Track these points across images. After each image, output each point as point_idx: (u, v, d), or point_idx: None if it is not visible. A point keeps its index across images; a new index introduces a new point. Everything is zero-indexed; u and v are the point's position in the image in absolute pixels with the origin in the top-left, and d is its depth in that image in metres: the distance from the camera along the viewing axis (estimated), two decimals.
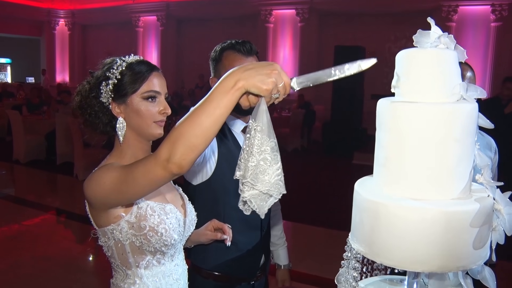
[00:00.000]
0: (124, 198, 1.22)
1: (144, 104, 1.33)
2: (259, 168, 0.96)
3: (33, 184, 7.85)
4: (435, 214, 0.90)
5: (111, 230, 1.33)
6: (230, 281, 1.86)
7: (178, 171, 1.01)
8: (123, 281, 1.40)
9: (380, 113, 1.01)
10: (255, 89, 0.94)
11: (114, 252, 1.38)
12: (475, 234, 0.91)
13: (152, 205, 1.36)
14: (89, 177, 1.29)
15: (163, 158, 1.00)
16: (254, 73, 0.94)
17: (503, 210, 0.98)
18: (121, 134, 1.35)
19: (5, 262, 4.40)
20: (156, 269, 1.41)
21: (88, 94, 1.37)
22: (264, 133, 0.96)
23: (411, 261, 0.93)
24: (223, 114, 0.96)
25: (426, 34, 0.97)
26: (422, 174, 0.94)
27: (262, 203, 1.01)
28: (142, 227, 1.33)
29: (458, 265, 0.93)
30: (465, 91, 0.96)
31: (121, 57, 1.38)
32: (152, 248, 1.36)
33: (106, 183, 1.21)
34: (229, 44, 1.82)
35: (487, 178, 1.00)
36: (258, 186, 0.97)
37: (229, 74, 0.96)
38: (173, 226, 1.39)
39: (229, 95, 0.94)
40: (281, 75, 0.95)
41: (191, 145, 0.97)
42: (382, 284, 1.25)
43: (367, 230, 0.98)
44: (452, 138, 0.93)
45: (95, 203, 1.29)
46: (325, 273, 3.95)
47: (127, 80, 1.33)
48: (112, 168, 1.23)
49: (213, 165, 1.74)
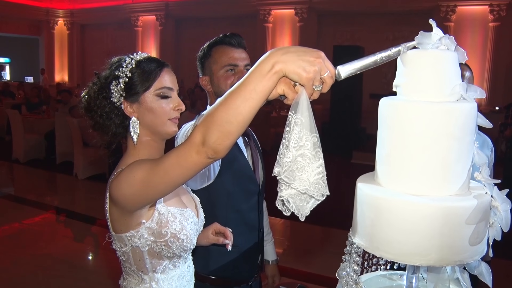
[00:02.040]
0: (155, 192, 1.14)
1: (158, 101, 1.29)
2: (297, 165, 0.88)
3: (33, 183, 7.86)
4: (434, 209, 0.93)
5: (129, 236, 1.30)
6: (230, 284, 1.86)
7: (213, 156, 0.95)
8: (138, 285, 1.38)
9: (382, 111, 1.04)
10: (295, 76, 0.86)
11: (130, 258, 1.34)
12: (472, 229, 0.94)
13: (173, 211, 1.34)
14: (115, 178, 1.23)
15: (197, 142, 0.94)
16: (295, 57, 0.86)
17: (500, 207, 1.00)
18: (135, 135, 1.30)
19: (8, 260, 4.43)
20: (172, 272, 1.40)
21: (97, 95, 1.31)
22: (304, 127, 0.87)
23: (410, 254, 0.96)
24: (259, 99, 0.88)
25: (428, 36, 0.99)
26: (422, 171, 0.97)
27: (302, 203, 0.93)
28: (164, 234, 1.30)
29: (455, 259, 0.96)
30: (465, 91, 0.99)
31: (128, 55, 1.33)
32: (171, 254, 1.34)
33: (136, 178, 1.14)
34: (217, 38, 1.83)
35: (485, 176, 1.03)
36: (295, 184, 0.88)
37: (266, 56, 0.88)
38: (192, 231, 1.38)
39: (265, 79, 0.86)
40: (325, 63, 0.87)
41: (225, 131, 0.91)
42: (382, 279, 1.28)
43: (368, 225, 1.01)
44: (451, 136, 0.96)
45: (124, 202, 1.22)
46: (324, 271, 3.98)
47: (138, 78, 1.28)
48: (141, 163, 1.17)
49: (216, 169, 1.73)
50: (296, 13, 13.50)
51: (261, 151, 1.97)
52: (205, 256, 1.76)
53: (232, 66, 1.77)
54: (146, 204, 1.23)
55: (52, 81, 18.11)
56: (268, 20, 13.88)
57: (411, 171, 0.98)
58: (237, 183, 1.79)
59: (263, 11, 13.87)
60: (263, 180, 1.93)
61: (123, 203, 1.22)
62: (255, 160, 1.88)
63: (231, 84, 1.74)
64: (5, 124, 10.82)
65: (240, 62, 1.78)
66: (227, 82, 1.76)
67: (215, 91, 1.80)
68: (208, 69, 1.82)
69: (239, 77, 1.73)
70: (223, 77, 1.77)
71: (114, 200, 1.24)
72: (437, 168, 0.96)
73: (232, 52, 1.77)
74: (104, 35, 18.32)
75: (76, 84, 18.02)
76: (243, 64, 1.78)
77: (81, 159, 7.52)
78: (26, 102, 10.79)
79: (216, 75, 1.79)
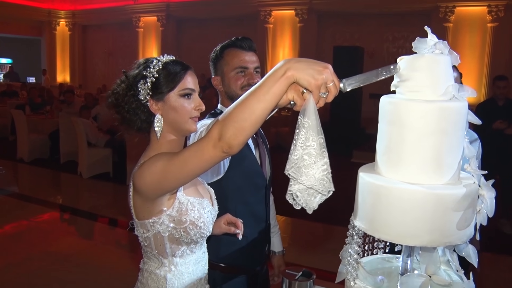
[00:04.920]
0: (173, 182, 1.27)
1: (181, 101, 1.39)
2: (303, 162, 0.99)
3: (39, 182, 8.00)
4: (427, 196, 1.05)
5: (152, 223, 1.41)
6: (239, 272, 1.97)
7: (227, 150, 1.07)
8: (159, 268, 1.49)
9: (382, 108, 1.16)
10: (304, 82, 0.98)
11: (151, 243, 1.45)
12: (460, 214, 1.06)
13: (192, 201, 1.45)
14: (139, 169, 1.35)
15: (214, 137, 1.07)
16: (306, 65, 0.98)
17: (486, 195, 1.13)
18: (159, 130, 1.40)
19: (15, 257, 4.53)
20: (189, 257, 1.52)
21: (126, 92, 1.41)
22: (311, 129, 0.99)
23: (405, 236, 1.08)
24: (272, 100, 1.00)
25: (423, 41, 1.11)
26: (418, 162, 1.09)
27: (310, 198, 1.03)
28: (183, 221, 1.42)
29: (445, 241, 1.08)
30: (457, 91, 1.11)
31: (155, 57, 1.43)
32: (189, 239, 1.46)
33: (158, 167, 1.26)
34: (229, 41, 1.94)
35: (474, 167, 1.15)
36: (302, 180, 1.00)
37: (281, 63, 1.00)
38: (209, 219, 1.50)
39: (278, 82, 0.99)
40: (332, 75, 0.99)
41: (240, 127, 1.03)
42: (380, 261, 1.40)
43: (368, 209, 1.13)
44: (444, 131, 1.08)
45: (146, 190, 1.33)
46: (324, 266, 4.08)
47: (164, 79, 1.38)
48: (162, 155, 1.29)
49: (226, 164, 1.84)
50: (297, 14, 13.58)
51: (268, 148, 2.09)
52: (216, 245, 1.86)
53: (242, 68, 1.89)
54: (166, 192, 1.35)
55: (54, 82, 18.21)
56: (269, 20, 13.95)
57: (407, 162, 1.10)
58: (246, 178, 1.91)
59: (263, 12, 13.96)
60: (270, 175, 2.04)
61: (145, 191, 1.34)
62: (263, 156, 1.99)
63: (241, 85, 1.87)
64: (9, 124, 10.95)
65: (250, 64, 1.89)
66: (237, 83, 1.88)
67: (226, 91, 1.92)
68: (220, 70, 1.94)
69: (248, 78, 1.86)
70: (234, 79, 1.89)
71: (137, 188, 1.37)
72: (431, 160, 1.08)
73: (243, 55, 1.89)
74: (105, 36, 18.40)
75: (78, 84, 18.13)
76: (253, 67, 1.90)
77: (85, 159, 7.65)
78: (29, 103, 10.90)
79: (227, 76, 1.91)
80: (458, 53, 1.17)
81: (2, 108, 11.71)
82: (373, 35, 12.85)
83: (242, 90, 1.84)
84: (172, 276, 1.49)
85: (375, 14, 12.73)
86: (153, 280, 1.50)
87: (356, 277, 1.25)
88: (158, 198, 1.37)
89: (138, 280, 1.57)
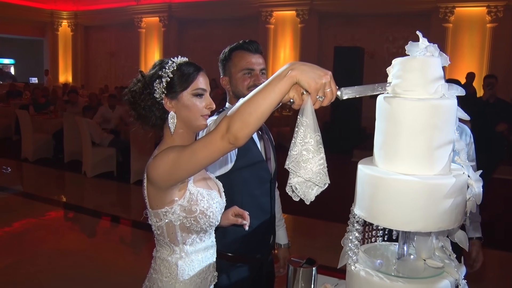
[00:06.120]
0: (183, 171, 1.36)
1: (193, 100, 1.50)
2: (302, 157, 1.09)
3: (45, 181, 8.10)
4: (420, 186, 1.16)
5: (164, 212, 1.51)
6: (245, 261, 2.08)
7: (234, 142, 1.17)
8: (170, 255, 1.59)
9: (379, 106, 1.27)
10: (305, 83, 1.08)
11: (164, 231, 1.55)
12: (451, 202, 1.17)
13: (202, 192, 1.56)
14: (153, 161, 1.45)
15: (223, 129, 1.18)
16: (309, 69, 1.09)
17: (474, 184, 1.24)
18: (173, 126, 1.50)
19: (26, 253, 4.65)
20: (199, 245, 1.63)
21: (142, 91, 1.52)
22: (309, 127, 1.10)
23: (401, 222, 1.19)
24: (276, 97, 1.11)
25: (415, 45, 1.23)
26: (411, 155, 1.20)
27: (308, 190, 1.14)
28: (194, 211, 1.52)
29: (438, 226, 1.19)
30: (446, 90, 1.22)
31: (170, 58, 1.53)
32: (199, 228, 1.56)
33: (170, 158, 1.37)
34: (237, 44, 2.06)
35: (463, 159, 1.26)
36: (300, 173, 1.10)
37: (287, 65, 1.11)
38: (217, 209, 1.61)
39: (282, 81, 1.10)
40: (330, 82, 1.10)
41: (246, 121, 1.14)
42: (379, 247, 1.51)
43: (367, 199, 1.24)
44: (435, 126, 1.19)
45: (159, 180, 1.43)
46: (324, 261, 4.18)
47: (178, 79, 1.49)
48: (174, 147, 1.40)
49: (233, 158, 1.96)
50: (298, 14, 13.67)
51: (273, 144, 2.21)
52: (223, 235, 1.96)
53: (249, 70, 2.01)
54: (177, 182, 1.45)
55: (56, 82, 18.34)
56: (270, 21, 14.04)
57: (402, 154, 1.21)
58: (251, 171, 2.02)
59: (264, 13, 14.05)
60: (275, 169, 2.15)
61: (158, 181, 1.45)
62: (268, 151, 2.10)
63: (247, 85, 1.99)
64: (12, 124, 11.05)
65: (257, 66, 2.01)
66: (244, 84, 2.00)
67: (233, 91, 2.04)
68: (228, 71, 2.06)
69: (254, 79, 1.98)
70: (241, 79, 2.01)
71: (150, 179, 1.48)
72: (423, 153, 1.20)
73: (250, 57, 2.01)
74: (107, 37, 18.51)
75: (80, 85, 18.24)
76: (259, 69, 2.02)
77: (90, 158, 7.76)
78: (33, 103, 11.00)
79: (235, 77, 2.02)
80: (458, 53, 1.28)
81: (6, 108, 11.83)
82: (374, 36, 12.96)
83: (248, 90, 1.95)
84: (183, 262, 1.60)
85: (375, 14, 12.83)
86: (165, 266, 1.61)
87: (356, 261, 1.36)
88: (170, 188, 1.47)
89: (151, 267, 1.67)
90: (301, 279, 1.66)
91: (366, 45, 12.09)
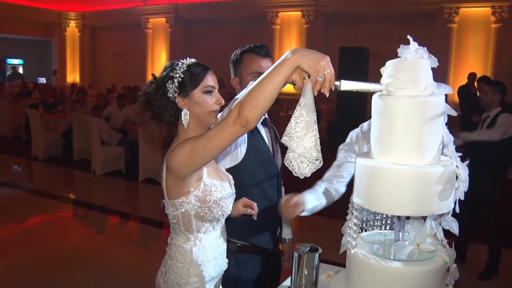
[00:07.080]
0: (202, 158, 1.48)
1: (204, 97, 1.62)
2: (296, 133, 1.24)
3: (55, 179, 8.28)
4: (412, 174, 1.29)
5: (181, 202, 1.63)
6: (253, 251, 2.19)
7: (245, 124, 1.31)
8: (185, 242, 1.71)
9: (374, 104, 1.40)
10: (305, 66, 1.22)
11: (180, 220, 1.67)
12: (440, 189, 1.29)
13: (215, 183, 1.67)
14: (171, 152, 1.56)
15: (234, 114, 1.31)
16: (308, 54, 1.24)
17: (462, 174, 1.36)
18: (186, 122, 1.63)
19: (38, 248, 4.80)
20: (211, 233, 1.75)
21: (156, 92, 1.64)
22: (306, 107, 1.24)
23: (395, 207, 1.32)
24: (280, 80, 1.26)
25: (406, 48, 1.36)
26: (404, 147, 1.32)
27: (302, 165, 1.27)
28: (208, 201, 1.64)
29: (428, 211, 1.32)
30: (435, 88, 1.34)
31: (179, 60, 1.65)
32: (212, 217, 1.67)
33: (186, 147, 1.49)
34: (249, 47, 2.16)
35: (451, 151, 1.38)
36: (293, 147, 1.25)
37: (289, 51, 1.25)
38: (229, 200, 1.74)
39: (284, 65, 1.24)
40: (329, 65, 1.23)
41: (254, 104, 1.28)
42: (377, 235, 1.63)
43: (364, 187, 1.37)
44: (425, 121, 1.31)
45: (178, 169, 1.55)
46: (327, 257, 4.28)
47: (188, 79, 1.61)
48: (190, 138, 1.52)
49: (243, 152, 2.07)
50: (303, 15, 13.75)
51: (280, 140, 2.33)
52: (233, 225, 2.06)
53: (258, 73, 2.09)
54: (194, 169, 1.57)
55: (64, 82, 18.53)
56: (275, 22, 14.12)
57: (396, 147, 1.34)
58: (260, 165, 2.15)
59: (270, 13, 14.14)
60: (281, 164, 2.27)
61: (176, 169, 1.57)
62: (274, 147, 2.23)
63: None
64: (22, 123, 11.24)
65: (266, 70, 2.12)
66: None
67: None
68: (239, 72, 2.17)
69: None
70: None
71: (169, 169, 1.60)
72: (415, 145, 1.32)
73: (260, 61, 2.12)
74: (114, 37, 18.66)
75: (88, 84, 18.42)
76: None
77: (99, 157, 7.93)
78: (42, 103, 11.17)
79: (245, 79, 2.13)
80: (462, 53, 1.41)
81: (16, 108, 12.01)
82: (379, 36, 12.99)
83: None
84: (197, 249, 1.72)
85: (380, 15, 12.87)
86: (180, 253, 1.73)
87: (355, 246, 1.48)
88: (189, 176, 1.59)
89: (167, 253, 1.80)
90: (305, 265, 1.77)
91: (371, 45, 12.14)
